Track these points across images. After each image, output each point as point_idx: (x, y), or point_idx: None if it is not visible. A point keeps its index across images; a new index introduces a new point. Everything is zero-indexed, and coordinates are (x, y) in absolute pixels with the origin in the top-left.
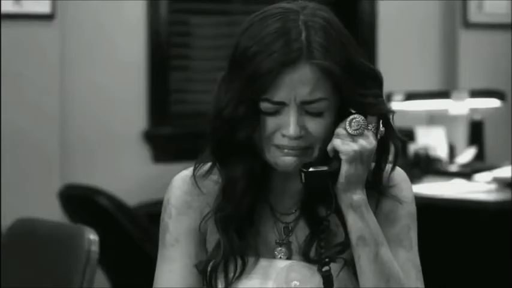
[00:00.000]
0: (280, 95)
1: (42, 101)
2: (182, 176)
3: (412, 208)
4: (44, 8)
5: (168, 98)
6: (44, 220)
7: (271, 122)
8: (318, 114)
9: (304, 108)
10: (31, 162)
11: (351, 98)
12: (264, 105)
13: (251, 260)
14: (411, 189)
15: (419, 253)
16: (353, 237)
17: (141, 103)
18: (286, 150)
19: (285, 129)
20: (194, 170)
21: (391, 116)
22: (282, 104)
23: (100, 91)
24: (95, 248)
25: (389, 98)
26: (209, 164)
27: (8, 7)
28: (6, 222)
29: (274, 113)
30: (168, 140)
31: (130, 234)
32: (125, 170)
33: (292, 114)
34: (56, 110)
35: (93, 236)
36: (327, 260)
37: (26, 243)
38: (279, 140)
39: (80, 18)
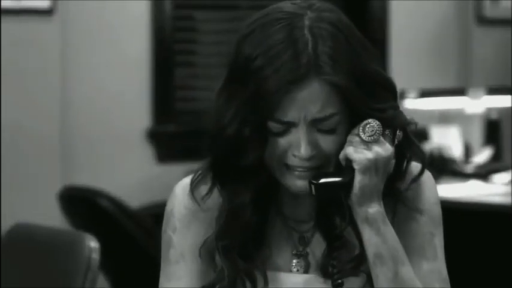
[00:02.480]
0: (288, 115)
1: (42, 99)
2: (184, 185)
3: (435, 211)
4: (43, 3)
5: (172, 95)
6: (43, 226)
7: (280, 142)
8: (330, 131)
9: (315, 125)
10: (30, 162)
11: (367, 113)
12: (272, 125)
13: (262, 277)
14: (435, 189)
15: None
16: (369, 254)
17: (144, 100)
18: (297, 173)
19: (295, 150)
20: (191, 184)
21: (413, 126)
22: (291, 124)
23: (102, 88)
24: (95, 255)
25: (402, 95)
26: (209, 179)
27: (7, 2)
28: (5, 224)
29: (283, 132)
30: (172, 138)
31: (132, 237)
32: (128, 170)
33: (303, 133)
34: (56, 108)
35: (93, 243)
36: (339, 281)
37: (24, 250)
38: (290, 160)
39: (81, 14)
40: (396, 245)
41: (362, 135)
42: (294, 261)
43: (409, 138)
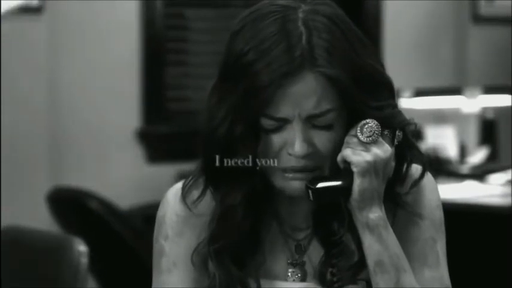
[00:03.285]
0: (282, 111)
1: (30, 98)
2: (176, 191)
3: (437, 216)
4: (32, 2)
5: (163, 94)
6: (31, 229)
7: (274, 140)
8: (326, 127)
9: (311, 122)
10: (19, 163)
11: (364, 111)
12: (265, 122)
13: (255, 285)
14: (436, 192)
15: None
16: (370, 261)
17: (134, 100)
18: (292, 175)
19: (290, 148)
20: (183, 189)
21: (413, 127)
22: (285, 120)
23: (91, 87)
24: (84, 259)
25: (397, 95)
26: (201, 183)
27: None
28: None
29: (277, 130)
30: (163, 139)
31: (122, 240)
32: (117, 171)
33: (298, 130)
34: (45, 108)
35: (82, 247)
36: None
37: (12, 253)
38: (285, 161)
39: (70, 12)
40: (398, 251)
41: (360, 136)
42: (290, 270)
43: (408, 139)
